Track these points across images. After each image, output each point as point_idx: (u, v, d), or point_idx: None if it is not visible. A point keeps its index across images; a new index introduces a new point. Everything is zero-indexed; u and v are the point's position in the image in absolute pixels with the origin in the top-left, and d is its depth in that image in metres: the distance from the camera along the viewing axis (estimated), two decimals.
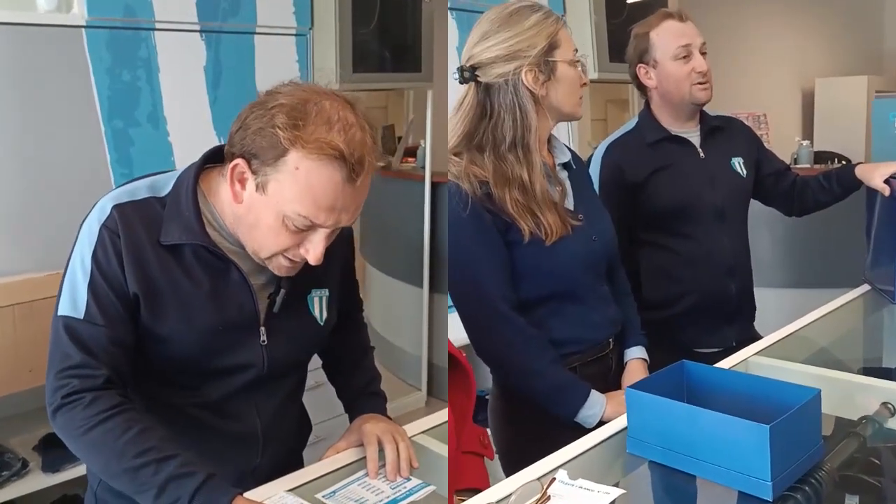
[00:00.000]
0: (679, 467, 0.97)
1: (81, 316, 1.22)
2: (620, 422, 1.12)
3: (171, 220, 1.26)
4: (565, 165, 1.62)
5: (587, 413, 1.49)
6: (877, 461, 1.03)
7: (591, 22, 3.09)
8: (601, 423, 1.35)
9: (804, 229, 2.53)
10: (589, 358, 1.59)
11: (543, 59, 1.48)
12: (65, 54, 2.65)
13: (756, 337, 1.90)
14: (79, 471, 2.44)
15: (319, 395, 1.71)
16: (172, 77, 2.87)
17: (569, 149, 1.65)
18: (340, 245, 1.44)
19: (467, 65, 1.51)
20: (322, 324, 1.42)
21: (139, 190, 1.29)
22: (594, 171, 2.00)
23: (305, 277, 1.35)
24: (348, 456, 1.39)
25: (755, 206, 2.14)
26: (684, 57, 1.94)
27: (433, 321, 4.10)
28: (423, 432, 1.42)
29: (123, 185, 1.33)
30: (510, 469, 1.06)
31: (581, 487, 0.88)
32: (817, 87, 5.59)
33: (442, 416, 1.39)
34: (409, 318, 4.22)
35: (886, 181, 1.89)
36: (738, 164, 2.05)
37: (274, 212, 1.19)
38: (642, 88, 2.04)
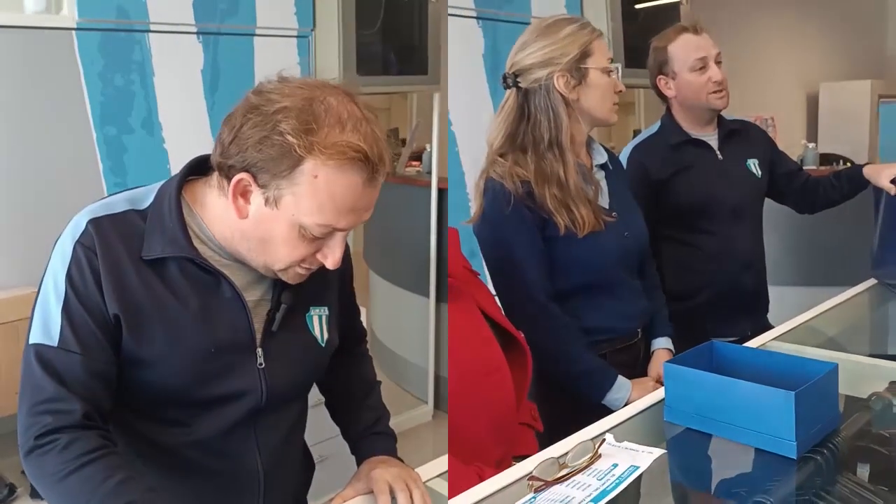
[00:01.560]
0: (713, 432, 1.09)
1: (55, 343, 1.11)
2: (657, 394, 1.24)
3: (154, 233, 1.16)
4: (602, 166, 1.76)
5: (614, 396, 1.62)
6: (885, 434, 1.14)
7: (608, 28, 3.20)
8: (626, 406, 1.44)
9: (812, 229, 2.72)
10: (619, 346, 1.73)
11: (575, 65, 1.62)
12: (54, 58, 2.54)
13: (769, 328, 1.97)
14: None
15: (320, 414, 1.58)
16: (168, 81, 2.76)
17: (606, 150, 1.78)
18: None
19: (510, 72, 1.67)
20: (324, 345, 1.31)
21: (117, 203, 1.19)
22: None
23: (303, 294, 1.26)
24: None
25: (767, 207, 2.27)
26: (701, 68, 2.07)
27: (440, 332, 3.98)
28: (438, 476, 1.29)
29: (100, 200, 1.21)
30: (546, 444, 1.16)
31: (627, 448, 1.00)
32: (822, 91, 5.73)
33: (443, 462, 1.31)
34: (414, 328, 4.11)
35: (893, 181, 2.03)
36: (753, 164, 2.18)
37: (288, 224, 1.11)
38: (662, 97, 2.17)
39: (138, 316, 1.13)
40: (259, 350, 1.21)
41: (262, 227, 1.12)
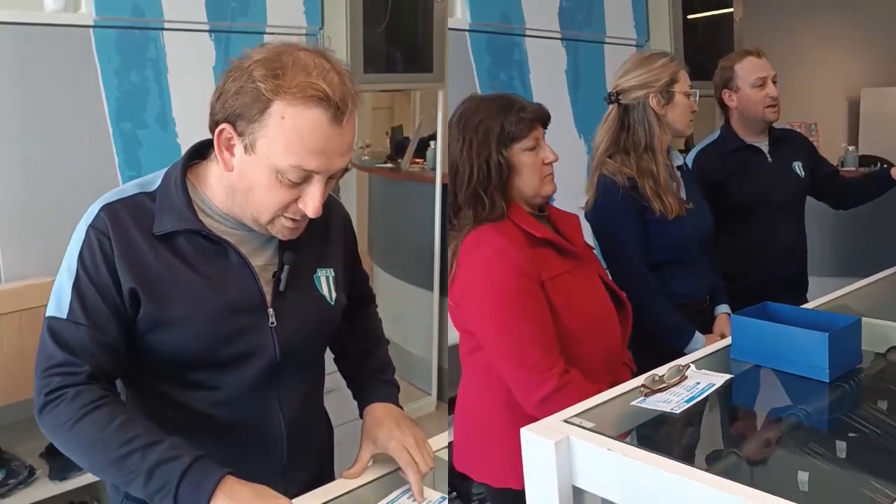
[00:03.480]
0: (768, 365, 1.44)
1: (64, 315, 1.20)
2: (725, 341, 1.57)
3: (163, 210, 1.24)
4: (679, 168, 2.20)
5: (693, 346, 2.00)
6: None
7: (671, 46, 3.69)
8: None
9: (848, 226, 3.05)
10: (694, 309, 2.16)
11: (665, 89, 2.08)
12: (72, 55, 2.59)
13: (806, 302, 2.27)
14: (86, 478, 2.38)
15: (339, 399, 1.63)
16: (181, 78, 2.81)
17: (681, 155, 2.23)
18: (339, 227, 1.44)
19: (613, 91, 2.12)
20: (333, 303, 1.38)
21: (128, 189, 1.28)
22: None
23: (309, 257, 1.34)
24: (378, 468, 1.36)
25: (809, 204, 2.63)
26: (760, 86, 2.48)
27: (443, 325, 4.05)
28: (442, 449, 1.39)
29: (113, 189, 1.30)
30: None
31: (705, 373, 1.36)
32: (863, 96, 6.01)
33: (443, 439, 1.47)
34: (418, 321, 4.16)
35: None
36: (797, 167, 2.56)
37: (266, 169, 1.17)
38: (724, 107, 2.57)
39: (156, 286, 1.21)
40: (270, 310, 1.28)
41: (246, 176, 1.19)
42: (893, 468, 1.08)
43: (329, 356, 1.53)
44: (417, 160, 4.71)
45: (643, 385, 1.29)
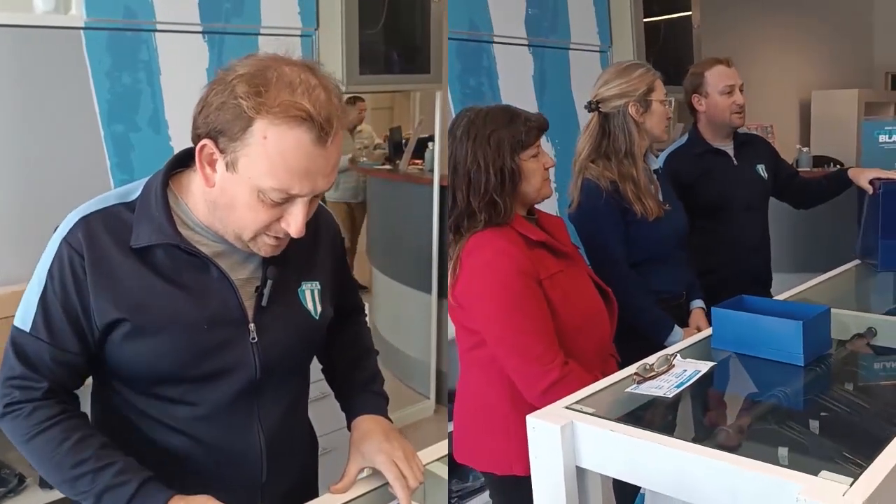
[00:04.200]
0: (747, 352, 1.59)
1: (28, 329, 1.21)
2: (706, 332, 1.72)
3: (141, 222, 1.22)
4: (655, 171, 2.35)
5: (672, 339, 2.18)
6: (864, 362, 1.68)
7: (634, 53, 3.87)
8: None
9: (807, 224, 3.31)
10: (672, 303, 2.33)
11: (643, 98, 2.23)
12: (63, 57, 2.61)
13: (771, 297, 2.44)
14: None
15: (326, 406, 1.64)
16: (174, 80, 2.82)
17: (656, 159, 2.42)
18: (327, 238, 1.42)
19: (594, 100, 2.27)
20: (317, 318, 1.36)
21: (107, 199, 1.26)
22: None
23: (293, 270, 1.33)
24: (366, 482, 1.35)
25: (771, 204, 2.82)
26: (728, 93, 2.65)
27: (441, 328, 4.03)
28: (436, 460, 1.35)
29: (95, 198, 1.29)
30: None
31: (690, 361, 1.49)
32: (813, 98, 6.25)
33: (442, 447, 1.49)
34: (416, 324, 4.16)
35: (871, 182, 2.52)
36: (761, 169, 2.76)
37: (248, 188, 1.15)
38: (693, 111, 2.75)
39: (132, 301, 1.20)
40: (252, 325, 1.27)
41: (227, 193, 1.17)
42: (862, 440, 1.24)
43: (316, 366, 1.49)
44: (416, 161, 4.68)
45: (636, 373, 1.42)
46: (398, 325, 4.50)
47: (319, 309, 1.36)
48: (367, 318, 1.65)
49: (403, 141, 5.14)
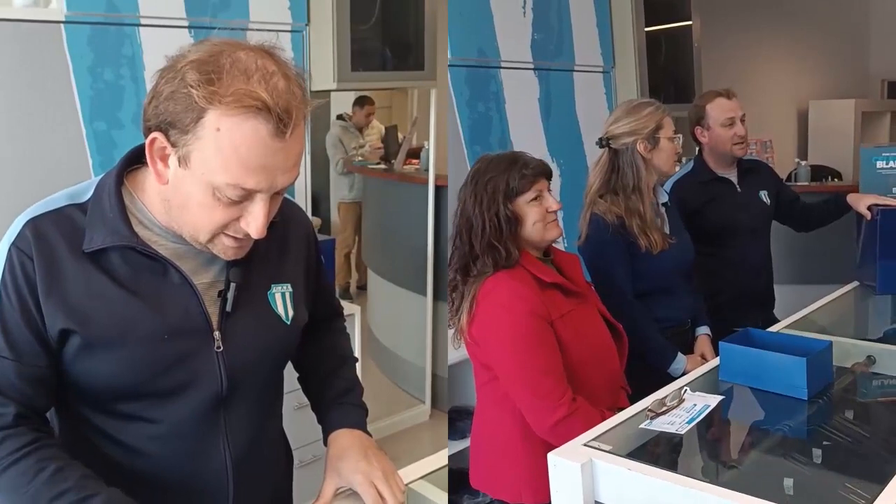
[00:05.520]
0: (753, 385, 1.66)
1: None
2: (713, 363, 1.82)
3: (94, 224, 1.14)
4: (664, 204, 2.48)
5: (675, 367, 2.32)
6: (864, 390, 1.75)
7: (637, 74, 3.96)
8: (683, 375, 2.08)
9: (806, 239, 3.26)
10: (677, 331, 2.45)
11: (651, 135, 2.34)
12: (43, 52, 2.55)
13: (775, 320, 2.53)
14: None
15: (304, 416, 1.56)
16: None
17: (666, 192, 2.55)
18: (298, 237, 1.35)
19: (604, 136, 2.39)
20: (289, 322, 1.28)
21: (56, 200, 1.18)
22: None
23: (262, 272, 1.25)
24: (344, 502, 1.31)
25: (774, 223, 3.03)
26: (729, 125, 2.78)
27: (437, 331, 3.96)
28: (421, 478, 1.28)
29: (43, 199, 1.20)
30: (634, 402, 1.63)
31: (699, 395, 1.57)
32: (811, 108, 6.36)
33: (441, 458, 1.27)
34: (412, 327, 4.12)
35: (868, 208, 2.64)
36: (763, 195, 2.90)
37: (202, 185, 1.07)
38: (697, 142, 2.90)
39: (84, 310, 1.12)
40: (216, 333, 1.19)
41: (180, 191, 1.10)
42: (868, 470, 1.32)
43: (293, 375, 1.41)
44: (411, 161, 4.61)
45: (649, 409, 1.51)
46: (393, 328, 4.45)
47: (291, 313, 1.28)
48: (354, 318, 1.56)
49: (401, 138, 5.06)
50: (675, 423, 1.44)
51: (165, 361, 1.15)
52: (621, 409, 1.67)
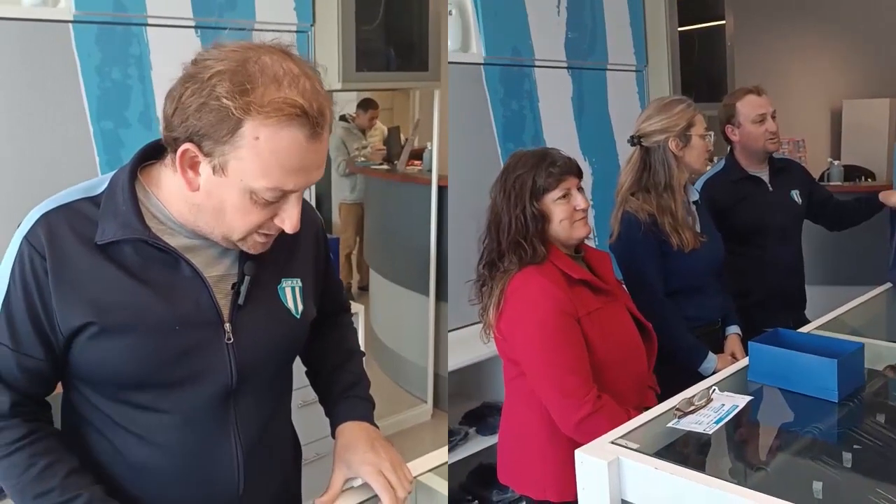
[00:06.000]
0: (782, 386, 1.64)
1: None
2: (742, 363, 1.79)
3: (107, 217, 1.16)
4: (695, 202, 2.44)
5: (706, 366, 2.32)
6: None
7: (669, 73, 3.97)
8: (713, 373, 2.10)
9: (838, 239, 3.23)
10: (707, 330, 2.44)
11: (683, 133, 2.32)
12: (51, 51, 2.54)
13: (806, 321, 2.48)
14: None
15: (313, 412, 1.58)
16: (165, 75, 2.64)
17: (696, 191, 2.51)
18: (309, 234, 1.37)
19: (636, 134, 2.38)
20: (298, 316, 1.31)
21: (71, 194, 1.21)
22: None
23: (273, 267, 1.28)
24: (353, 494, 1.32)
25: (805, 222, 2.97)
26: (760, 121, 2.74)
27: (439, 331, 3.98)
28: (429, 471, 1.29)
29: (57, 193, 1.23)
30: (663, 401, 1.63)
31: (727, 395, 1.55)
32: (844, 107, 6.30)
33: (443, 454, 1.31)
34: (414, 327, 4.13)
35: None
36: (795, 195, 2.85)
37: (238, 190, 1.11)
38: (728, 141, 2.85)
39: (96, 302, 1.14)
40: (227, 325, 1.21)
41: (214, 197, 1.12)
42: None
43: (300, 369, 1.43)
44: (414, 162, 4.63)
45: (676, 408, 1.49)
46: (395, 328, 4.46)
47: (301, 307, 1.31)
48: (356, 318, 1.58)
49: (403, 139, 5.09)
50: (703, 422, 1.43)
51: (176, 351, 1.17)
52: (648, 408, 1.66)
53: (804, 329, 2.09)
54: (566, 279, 1.87)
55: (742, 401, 1.52)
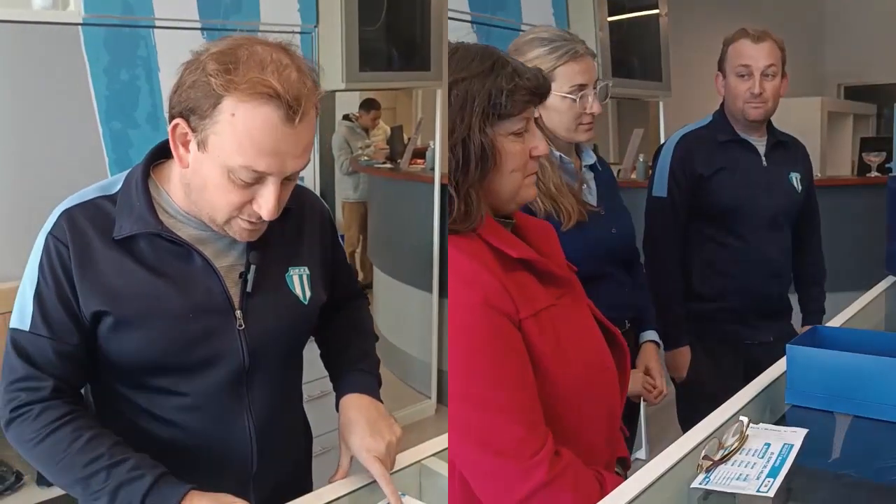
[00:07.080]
0: (840, 409, 1.11)
1: (27, 328, 1.21)
2: (770, 375, 1.27)
3: (122, 213, 1.23)
4: (591, 167, 1.85)
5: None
6: None
7: (595, 39, 3.37)
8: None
9: (829, 239, 2.69)
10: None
11: None
12: (61, 53, 2.60)
13: (793, 333, 2.07)
14: None
15: (324, 405, 1.62)
16: (173, 77, 2.76)
17: (597, 155, 1.89)
18: (313, 222, 1.41)
19: None
20: (306, 302, 1.34)
21: (89, 192, 1.27)
22: (665, 157, 2.17)
23: (280, 255, 1.32)
24: (354, 480, 1.31)
25: None
26: (743, 76, 2.11)
27: (443, 327, 4.01)
28: (434, 454, 1.33)
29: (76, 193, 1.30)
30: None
31: (766, 429, 1.05)
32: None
33: (445, 440, 1.37)
34: (417, 323, 4.16)
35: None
36: (795, 178, 2.22)
37: (218, 167, 1.15)
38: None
39: (115, 292, 1.20)
40: (238, 312, 1.26)
41: (199, 174, 1.17)
42: None
43: (315, 363, 1.48)
44: (417, 160, 4.67)
45: (704, 458, 1.02)
46: (399, 325, 4.49)
47: (309, 294, 1.35)
48: (371, 307, 1.62)
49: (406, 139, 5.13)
50: (749, 475, 0.93)
51: (190, 338, 1.23)
52: (623, 463, 1.20)
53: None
54: (500, 260, 1.13)
55: (796, 437, 1.01)
